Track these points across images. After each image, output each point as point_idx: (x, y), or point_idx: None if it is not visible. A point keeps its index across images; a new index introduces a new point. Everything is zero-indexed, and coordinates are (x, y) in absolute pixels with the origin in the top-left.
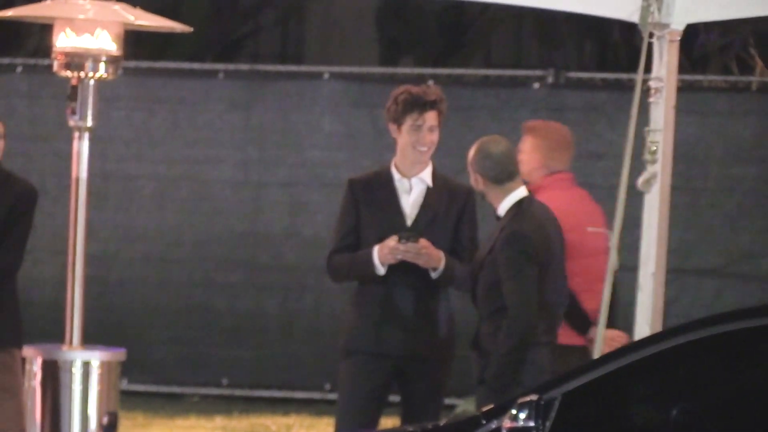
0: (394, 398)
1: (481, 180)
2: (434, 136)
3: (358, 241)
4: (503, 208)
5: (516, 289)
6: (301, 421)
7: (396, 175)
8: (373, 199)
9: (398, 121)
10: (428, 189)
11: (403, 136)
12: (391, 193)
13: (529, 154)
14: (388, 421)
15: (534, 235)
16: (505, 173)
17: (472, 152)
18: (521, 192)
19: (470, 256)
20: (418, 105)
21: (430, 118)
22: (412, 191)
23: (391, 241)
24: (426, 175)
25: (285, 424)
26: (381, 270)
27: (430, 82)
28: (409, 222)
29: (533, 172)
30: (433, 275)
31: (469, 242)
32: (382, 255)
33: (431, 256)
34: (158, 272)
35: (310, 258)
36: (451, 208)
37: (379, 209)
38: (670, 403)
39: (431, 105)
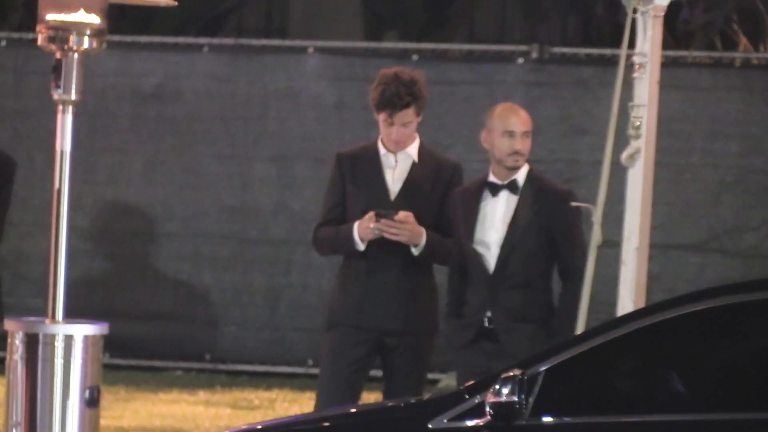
0: (377, 373)
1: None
2: (408, 130)
3: (345, 215)
4: (523, 174)
5: (585, 252)
6: (284, 395)
7: (382, 150)
8: (358, 173)
9: (375, 110)
10: (414, 164)
11: (380, 124)
12: (376, 168)
13: None
14: (371, 396)
15: None
16: None
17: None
18: None
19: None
20: (389, 105)
21: (403, 115)
22: (397, 166)
23: (368, 218)
24: (412, 150)
25: (268, 398)
26: (360, 246)
27: (415, 57)
28: (392, 197)
29: None
30: (414, 251)
31: None
32: (361, 231)
33: (412, 231)
34: (147, 246)
35: (298, 232)
36: (436, 184)
37: (364, 184)
38: (653, 379)
39: (404, 106)
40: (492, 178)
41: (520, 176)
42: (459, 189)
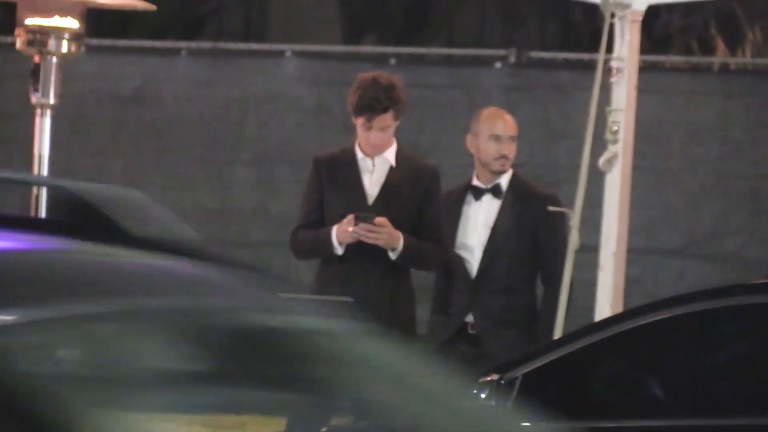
0: None
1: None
2: (386, 134)
3: (323, 219)
4: (506, 178)
5: (564, 257)
6: None
7: (359, 154)
8: (335, 177)
9: (353, 114)
10: (391, 168)
11: (357, 128)
12: (354, 172)
13: None
14: None
15: None
16: None
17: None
18: None
19: (434, 235)
20: (368, 110)
21: (382, 120)
22: (374, 170)
23: (347, 222)
24: (390, 154)
25: None
26: (339, 250)
27: (393, 61)
28: (370, 201)
29: None
30: (392, 256)
31: (434, 222)
32: (340, 234)
33: (390, 236)
34: None
35: (277, 236)
36: (414, 188)
37: (342, 188)
38: (630, 383)
39: (382, 110)
40: (476, 182)
41: (504, 180)
42: (444, 193)
